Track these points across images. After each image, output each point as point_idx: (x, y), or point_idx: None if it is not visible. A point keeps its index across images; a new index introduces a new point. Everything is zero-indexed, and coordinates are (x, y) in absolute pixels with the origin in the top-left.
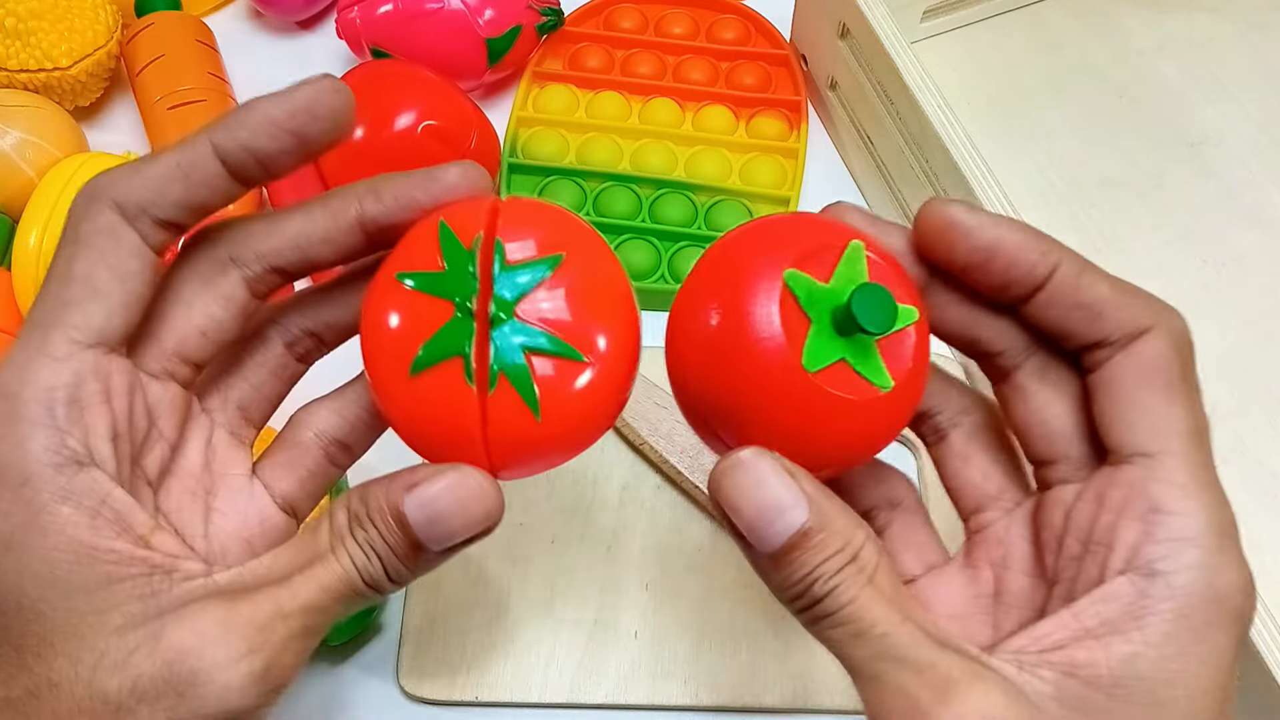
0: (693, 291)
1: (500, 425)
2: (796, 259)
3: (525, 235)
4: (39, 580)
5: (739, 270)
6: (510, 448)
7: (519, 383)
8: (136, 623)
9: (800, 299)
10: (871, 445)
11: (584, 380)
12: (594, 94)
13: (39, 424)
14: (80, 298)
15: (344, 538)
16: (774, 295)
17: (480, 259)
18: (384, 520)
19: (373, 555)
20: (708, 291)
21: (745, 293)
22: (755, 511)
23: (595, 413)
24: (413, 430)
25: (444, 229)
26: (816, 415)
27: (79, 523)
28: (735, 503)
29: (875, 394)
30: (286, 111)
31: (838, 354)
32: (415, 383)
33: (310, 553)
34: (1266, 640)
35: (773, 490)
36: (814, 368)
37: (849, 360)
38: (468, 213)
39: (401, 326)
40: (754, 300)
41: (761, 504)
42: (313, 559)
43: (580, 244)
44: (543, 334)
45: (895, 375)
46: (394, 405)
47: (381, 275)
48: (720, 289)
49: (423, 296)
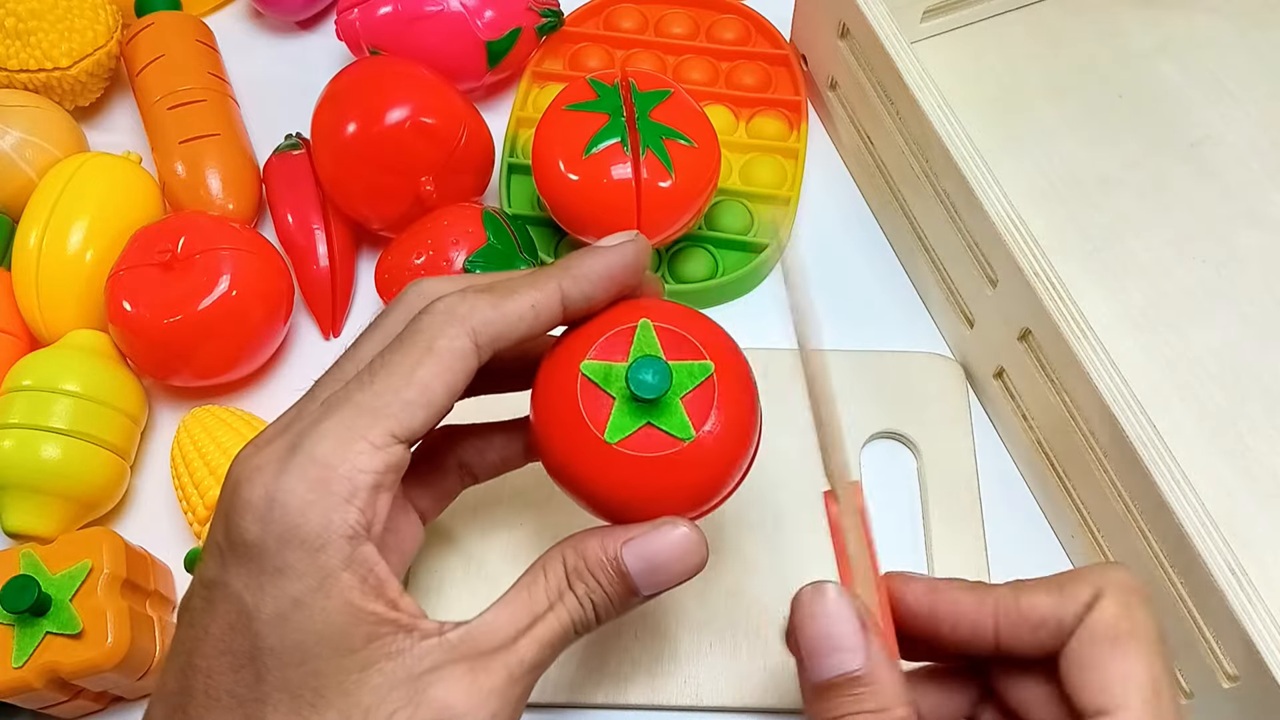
0: (534, 393)
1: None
2: (598, 349)
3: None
4: (319, 638)
5: (552, 371)
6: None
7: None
8: (393, 683)
9: (598, 383)
10: (698, 489)
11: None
12: None
13: (346, 501)
14: (414, 401)
15: (563, 594)
16: (574, 387)
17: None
18: (605, 572)
19: (589, 605)
20: (538, 394)
21: (554, 391)
22: (818, 639)
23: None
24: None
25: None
26: (629, 477)
27: (353, 587)
28: (804, 625)
29: (679, 445)
30: (620, 267)
31: (641, 420)
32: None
33: (529, 613)
34: (1267, 640)
35: (841, 629)
36: (615, 439)
37: (654, 423)
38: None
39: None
40: (560, 396)
41: (827, 635)
42: (533, 619)
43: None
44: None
45: (697, 425)
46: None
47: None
48: (543, 390)
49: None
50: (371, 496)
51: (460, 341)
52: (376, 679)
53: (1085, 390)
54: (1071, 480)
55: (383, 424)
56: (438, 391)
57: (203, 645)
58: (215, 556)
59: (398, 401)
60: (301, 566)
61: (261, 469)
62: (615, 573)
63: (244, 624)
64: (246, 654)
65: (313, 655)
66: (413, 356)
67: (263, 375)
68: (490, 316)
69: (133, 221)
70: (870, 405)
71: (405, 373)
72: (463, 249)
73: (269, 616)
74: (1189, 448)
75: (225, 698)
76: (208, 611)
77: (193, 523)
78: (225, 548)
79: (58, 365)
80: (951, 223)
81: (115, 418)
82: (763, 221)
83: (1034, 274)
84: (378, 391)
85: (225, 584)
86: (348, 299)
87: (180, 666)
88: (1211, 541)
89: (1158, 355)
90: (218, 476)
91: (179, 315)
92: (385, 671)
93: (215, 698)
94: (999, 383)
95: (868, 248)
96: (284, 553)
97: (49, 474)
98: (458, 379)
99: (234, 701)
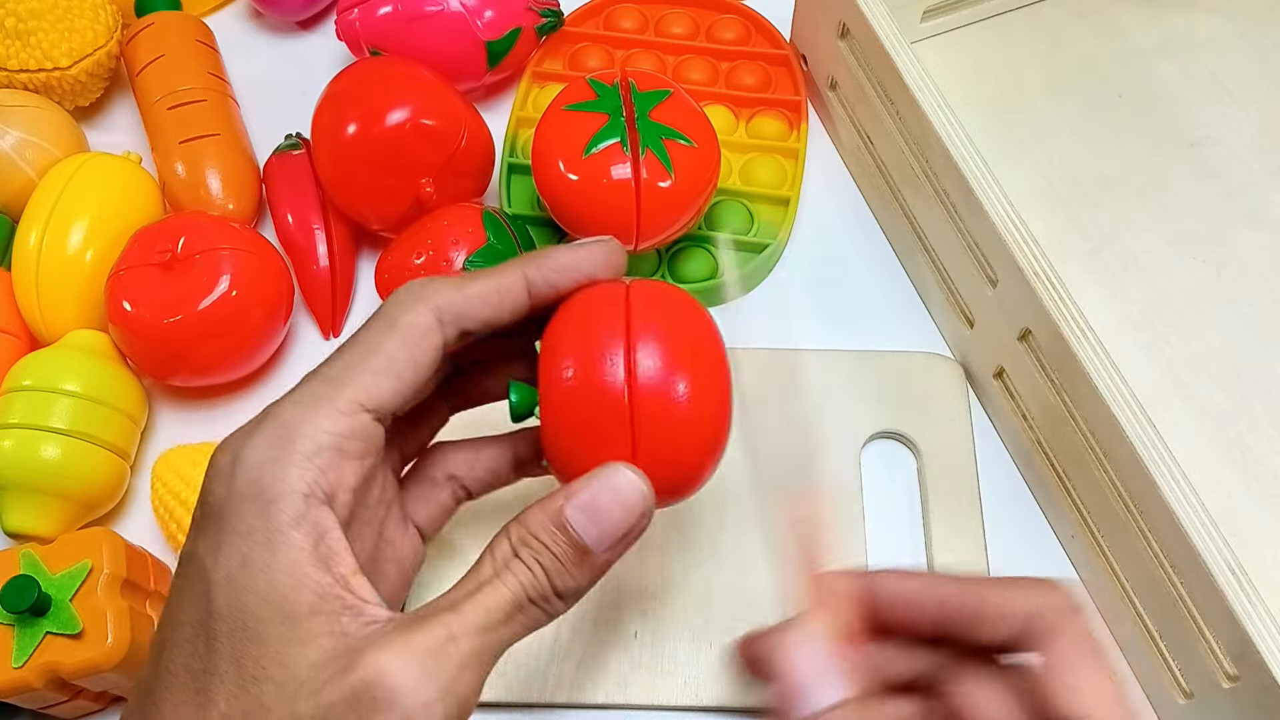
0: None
1: None
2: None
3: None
4: (263, 600)
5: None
6: None
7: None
8: (329, 658)
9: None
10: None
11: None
12: None
13: (306, 459)
14: (379, 370)
15: (509, 561)
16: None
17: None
18: (548, 533)
19: (538, 569)
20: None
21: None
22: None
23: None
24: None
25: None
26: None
27: (303, 548)
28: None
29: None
30: (587, 261)
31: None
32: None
33: (475, 582)
34: (1267, 641)
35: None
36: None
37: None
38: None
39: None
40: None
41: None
42: (479, 586)
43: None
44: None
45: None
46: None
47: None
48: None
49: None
50: (334, 459)
51: (424, 318)
52: (315, 654)
53: (1085, 390)
54: (1071, 480)
55: (347, 392)
56: (402, 362)
57: (169, 619)
58: (191, 531)
59: (364, 371)
60: (253, 520)
61: (233, 437)
62: (559, 530)
63: (203, 589)
64: (201, 622)
65: (255, 618)
66: (378, 332)
67: (263, 375)
68: (453, 296)
69: (133, 221)
70: (870, 405)
71: (371, 346)
72: (463, 249)
73: (220, 577)
74: (1189, 448)
75: (182, 673)
76: (180, 589)
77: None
78: (198, 518)
79: (58, 365)
80: (951, 223)
81: (115, 418)
82: (761, 222)
83: (1034, 274)
84: (346, 363)
85: (191, 553)
86: (348, 299)
87: (155, 648)
88: (1211, 541)
89: (1158, 355)
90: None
91: (179, 315)
92: (324, 648)
93: (174, 674)
94: (999, 383)
95: (868, 248)
96: (242, 510)
97: (49, 474)
98: (423, 353)
99: (188, 676)
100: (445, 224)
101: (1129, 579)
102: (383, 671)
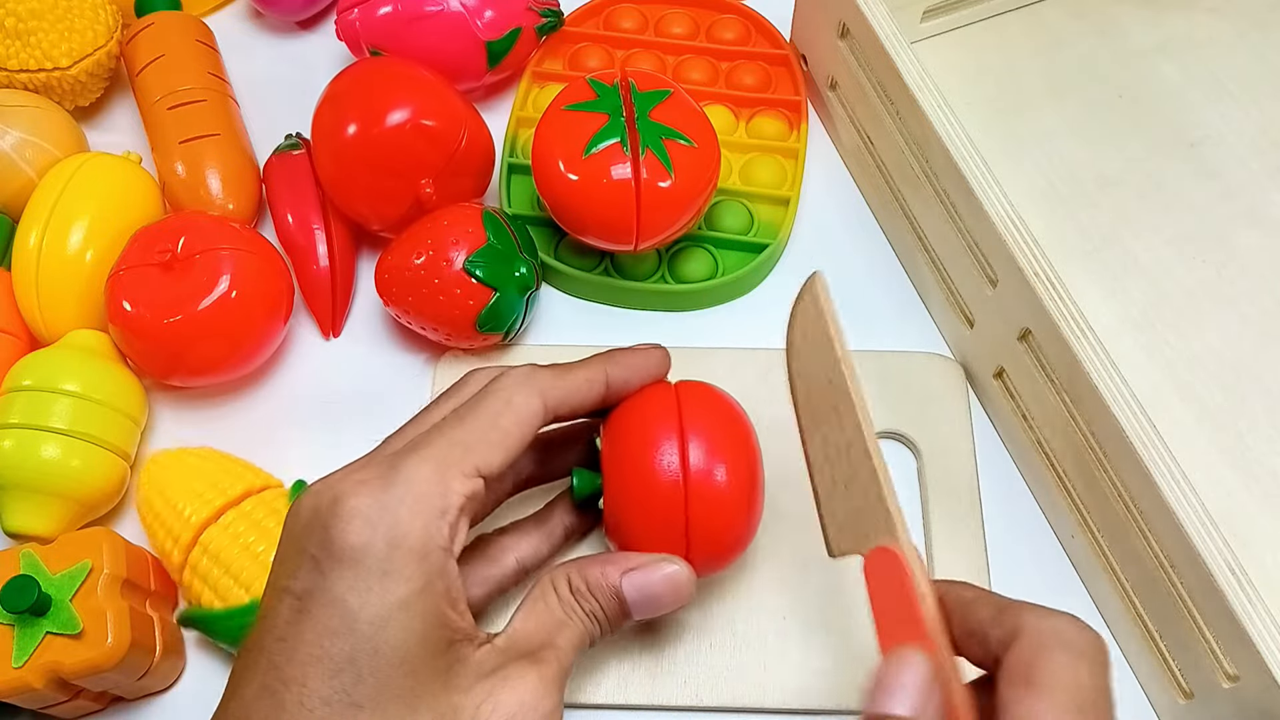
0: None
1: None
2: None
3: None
4: (421, 639)
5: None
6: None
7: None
8: (471, 683)
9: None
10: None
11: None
12: None
13: (441, 516)
14: (495, 443)
15: (573, 608)
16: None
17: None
18: (604, 595)
19: (593, 621)
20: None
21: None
22: (882, 674)
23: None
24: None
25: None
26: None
27: (443, 595)
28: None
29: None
30: (655, 364)
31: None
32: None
33: (553, 620)
34: (1267, 641)
35: (900, 675)
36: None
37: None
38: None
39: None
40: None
41: (886, 674)
42: (559, 625)
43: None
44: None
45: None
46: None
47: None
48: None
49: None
50: (459, 518)
51: (534, 400)
52: (461, 680)
53: (1085, 390)
54: (1071, 480)
55: (471, 458)
56: (514, 438)
57: (295, 655)
58: (309, 567)
59: (484, 441)
60: (409, 570)
61: (366, 483)
62: (614, 597)
63: (346, 627)
64: (346, 658)
65: (412, 656)
66: (495, 408)
67: (263, 375)
68: (555, 383)
69: (133, 221)
70: (870, 405)
71: (490, 419)
72: (463, 249)
73: (373, 617)
74: (1189, 448)
75: (319, 706)
76: (299, 622)
77: (172, 565)
78: (322, 556)
79: (58, 365)
80: (951, 223)
81: (115, 418)
82: (761, 222)
83: (1034, 274)
84: (468, 430)
85: (325, 590)
86: (348, 299)
87: (263, 681)
88: (1211, 541)
89: (1158, 355)
90: (183, 521)
91: (179, 315)
92: (464, 674)
93: (309, 707)
94: (999, 383)
95: (868, 248)
96: (393, 556)
97: (49, 474)
98: (527, 432)
99: (328, 710)
100: (445, 224)
101: (1129, 579)
102: (532, 696)
